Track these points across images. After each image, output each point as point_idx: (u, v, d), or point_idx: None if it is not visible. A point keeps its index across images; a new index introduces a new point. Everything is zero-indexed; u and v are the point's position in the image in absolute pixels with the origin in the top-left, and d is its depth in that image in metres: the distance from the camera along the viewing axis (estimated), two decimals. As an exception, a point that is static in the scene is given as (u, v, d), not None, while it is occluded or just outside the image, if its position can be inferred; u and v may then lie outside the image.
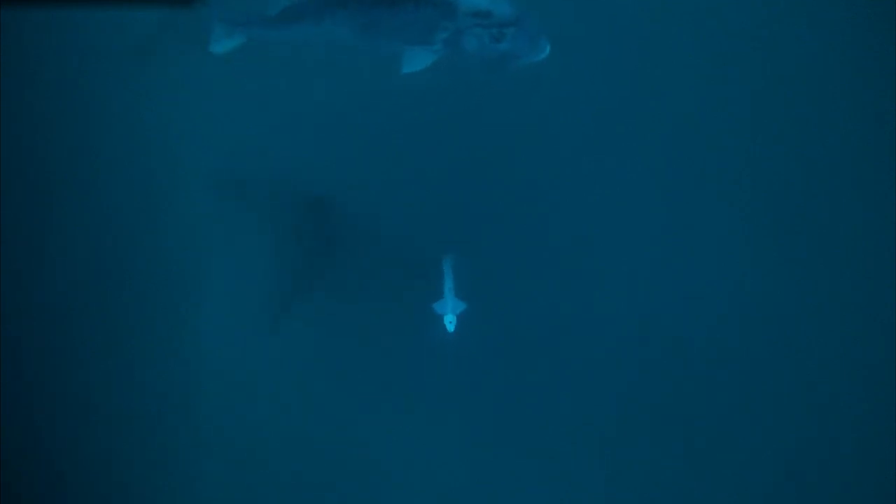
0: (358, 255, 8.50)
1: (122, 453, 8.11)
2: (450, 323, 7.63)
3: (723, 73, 8.74)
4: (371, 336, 8.27)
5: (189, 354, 8.29)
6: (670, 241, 8.50)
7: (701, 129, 8.62)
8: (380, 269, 8.43)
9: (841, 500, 8.03)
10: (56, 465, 8.07)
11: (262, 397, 8.25)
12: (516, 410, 8.19)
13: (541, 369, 8.31)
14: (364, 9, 6.88)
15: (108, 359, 8.27)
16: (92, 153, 8.65)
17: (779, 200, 8.52)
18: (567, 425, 8.20)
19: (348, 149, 8.60)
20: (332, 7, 7.17)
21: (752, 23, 8.77)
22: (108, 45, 8.75)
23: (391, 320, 8.27)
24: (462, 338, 7.82)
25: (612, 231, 8.57)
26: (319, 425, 8.22)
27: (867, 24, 8.60)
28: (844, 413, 8.16)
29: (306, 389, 8.27)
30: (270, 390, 8.26)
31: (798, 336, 8.30)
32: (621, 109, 8.69)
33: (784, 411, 8.19)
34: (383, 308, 8.30)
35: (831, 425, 8.16)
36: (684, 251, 8.49)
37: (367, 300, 8.35)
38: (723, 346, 8.29)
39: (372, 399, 8.24)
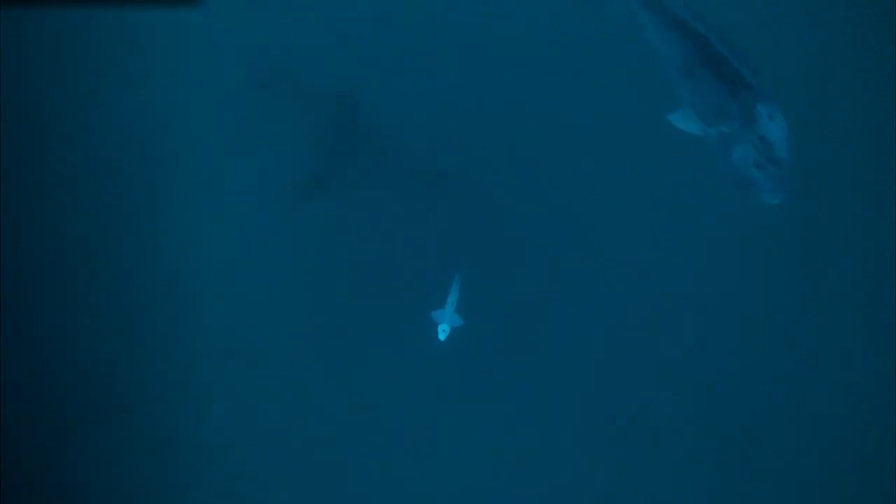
0: (379, 155, 8.75)
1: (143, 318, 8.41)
2: (443, 332, 7.73)
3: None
4: (378, 235, 8.56)
5: (214, 234, 8.61)
6: (671, 244, 8.54)
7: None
8: (399, 173, 8.70)
9: (840, 500, 8.08)
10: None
11: (278, 276, 8.53)
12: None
13: (540, 366, 8.41)
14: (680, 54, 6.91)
15: (137, 236, 8.60)
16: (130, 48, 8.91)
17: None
18: (567, 428, 8.28)
19: (380, 51, 8.84)
20: None
21: (752, 23, 8.78)
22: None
23: (401, 221, 8.57)
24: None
25: (612, 232, 8.63)
26: (322, 310, 8.48)
27: (867, 24, 8.59)
28: (844, 413, 8.19)
29: (316, 273, 8.57)
30: (284, 271, 8.55)
31: (797, 337, 8.35)
32: (623, 112, 8.79)
33: (784, 412, 8.25)
34: (395, 210, 8.59)
35: (830, 425, 8.21)
36: (684, 259, 8.53)
37: (381, 202, 8.61)
38: (721, 349, 8.36)
39: (376, 288, 8.51)
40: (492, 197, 8.71)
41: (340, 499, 8.29)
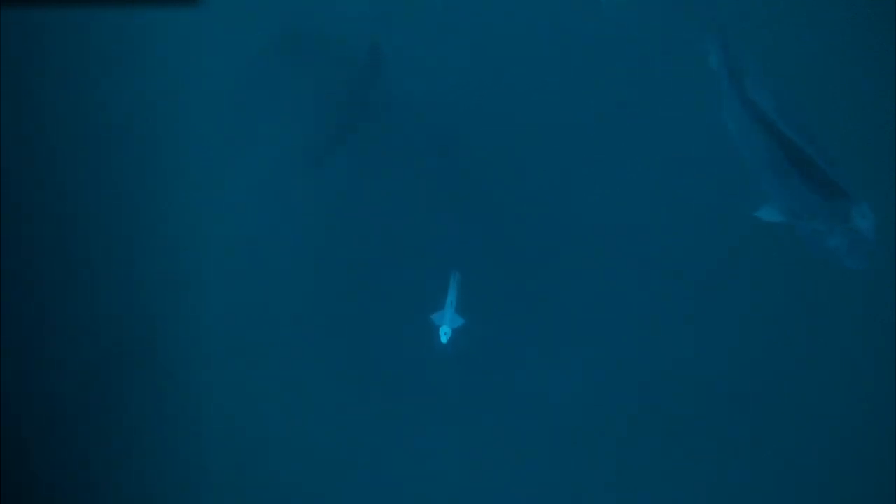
0: (399, 118, 8.89)
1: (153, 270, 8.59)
2: (444, 335, 7.74)
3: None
4: (391, 198, 8.71)
5: (238, 183, 8.80)
6: (672, 245, 8.58)
7: (701, 129, 8.64)
8: (414, 138, 8.86)
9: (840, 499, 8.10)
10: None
11: (294, 234, 8.71)
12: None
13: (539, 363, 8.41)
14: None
15: (162, 181, 8.78)
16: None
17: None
18: (566, 428, 8.28)
19: (404, 16, 9.10)
20: None
21: (753, 23, 8.81)
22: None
23: (413, 186, 8.71)
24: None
25: (613, 231, 8.65)
26: (337, 269, 8.64)
27: (867, 24, 8.60)
28: (845, 406, 8.19)
29: (332, 231, 8.74)
30: (300, 230, 8.74)
31: (797, 336, 8.36)
32: (626, 114, 8.84)
33: (786, 408, 8.26)
34: (408, 175, 8.74)
35: (830, 414, 8.22)
36: (686, 257, 8.54)
37: (396, 166, 8.77)
38: (721, 350, 8.34)
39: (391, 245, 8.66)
40: (502, 167, 8.83)
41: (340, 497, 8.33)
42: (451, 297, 7.81)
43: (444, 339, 7.66)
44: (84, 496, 8.20)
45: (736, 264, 8.50)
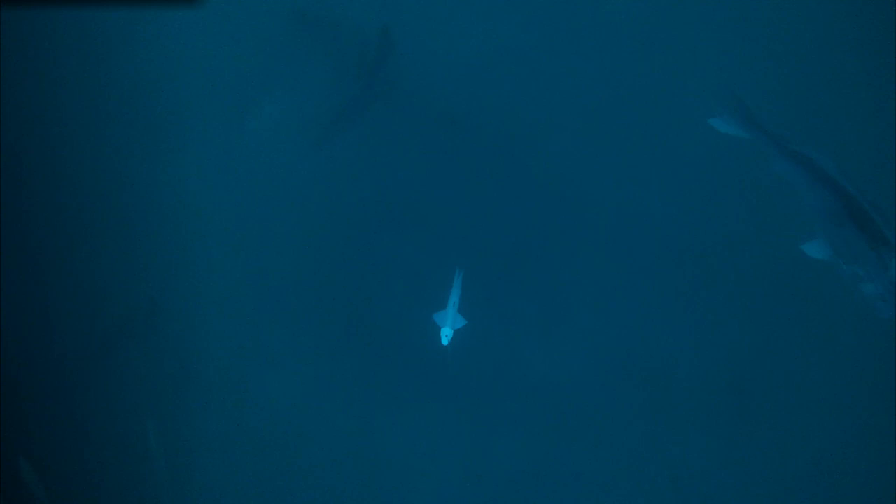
0: (404, 97, 8.96)
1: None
2: (445, 336, 7.74)
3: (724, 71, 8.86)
4: (397, 170, 8.81)
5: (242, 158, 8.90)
6: (673, 239, 8.60)
7: (700, 129, 8.65)
8: (421, 115, 8.92)
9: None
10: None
11: (301, 206, 8.80)
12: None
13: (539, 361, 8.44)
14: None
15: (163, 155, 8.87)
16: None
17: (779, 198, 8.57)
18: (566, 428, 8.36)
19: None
20: None
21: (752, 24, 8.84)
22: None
23: (419, 159, 8.82)
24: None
25: (613, 229, 8.68)
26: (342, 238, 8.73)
27: (867, 25, 8.61)
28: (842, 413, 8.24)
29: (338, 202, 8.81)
30: (307, 201, 8.81)
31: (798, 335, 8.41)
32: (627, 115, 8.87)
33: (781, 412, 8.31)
34: (415, 149, 8.83)
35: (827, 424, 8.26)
36: (689, 255, 8.58)
37: (402, 140, 8.84)
38: (722, 351, 8.39)
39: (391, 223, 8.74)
40: (509, 153, 8.88)
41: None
42: (454, 298, 7.78)
43: (445, 342, 7.65)
44: (80, 468, 8.28)
45: (735, 259, 8.55)
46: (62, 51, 9.04)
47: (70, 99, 9.00)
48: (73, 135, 8.94)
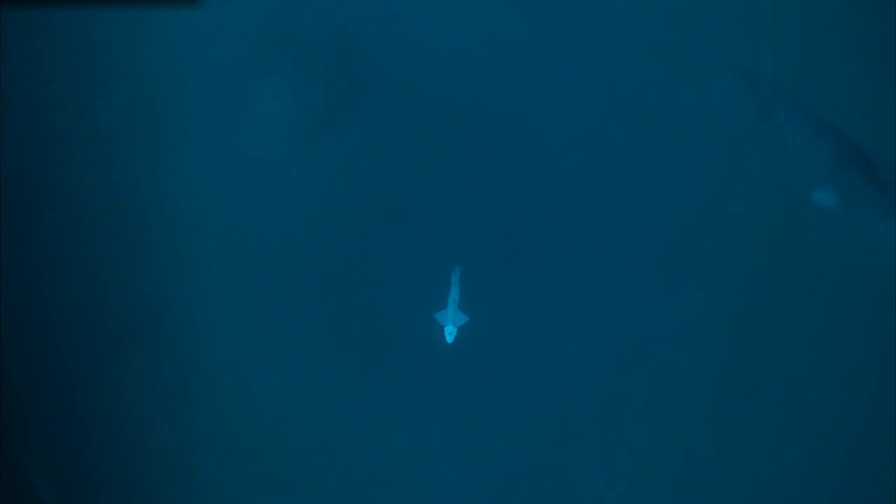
0: (378, 97, 8.98)
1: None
2: (449, 334, 7.75)
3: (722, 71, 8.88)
4: (383, 169, 8.82)
5: (228, 172, 8.91)
6: (672, 246, 8.62)
7: (701, 129, 8.69)
8: (398, 112, 8.94)
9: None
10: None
11: (290, 209, 8.83)
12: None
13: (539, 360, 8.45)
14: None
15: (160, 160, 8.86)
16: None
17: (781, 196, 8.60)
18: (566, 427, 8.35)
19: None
20: None
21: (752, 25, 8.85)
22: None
23: (401, 155, 8.82)
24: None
25: (613, 228, 8.69)
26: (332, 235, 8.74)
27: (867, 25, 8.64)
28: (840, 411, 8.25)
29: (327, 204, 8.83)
30: (295, 205, 8.83)
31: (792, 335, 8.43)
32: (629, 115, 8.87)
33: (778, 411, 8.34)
34: (396, 145, 8.83)
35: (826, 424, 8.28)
36: (694, 252, 8.60)
37: (382, 138, 8.87)
38: (722, 351, 8.41)
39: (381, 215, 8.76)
40: (497, 140, 8.90)
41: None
42: (454, 295, 7.79)
43: (449, 340, 7.66)
44: (86, 465, 8.28)
45: (740, 254, 8.59)
46: (62, 51, 9.04)
47: (70, 99, 8.99)
48: (72, 135, 8.93)
